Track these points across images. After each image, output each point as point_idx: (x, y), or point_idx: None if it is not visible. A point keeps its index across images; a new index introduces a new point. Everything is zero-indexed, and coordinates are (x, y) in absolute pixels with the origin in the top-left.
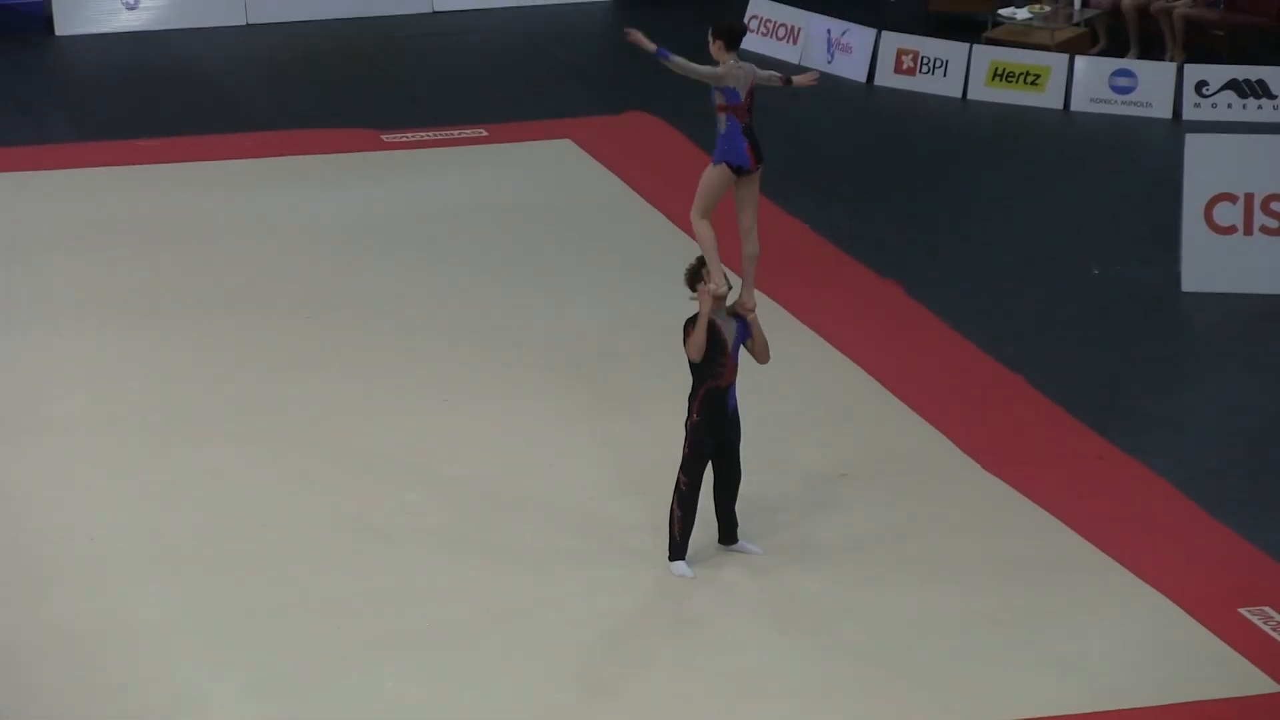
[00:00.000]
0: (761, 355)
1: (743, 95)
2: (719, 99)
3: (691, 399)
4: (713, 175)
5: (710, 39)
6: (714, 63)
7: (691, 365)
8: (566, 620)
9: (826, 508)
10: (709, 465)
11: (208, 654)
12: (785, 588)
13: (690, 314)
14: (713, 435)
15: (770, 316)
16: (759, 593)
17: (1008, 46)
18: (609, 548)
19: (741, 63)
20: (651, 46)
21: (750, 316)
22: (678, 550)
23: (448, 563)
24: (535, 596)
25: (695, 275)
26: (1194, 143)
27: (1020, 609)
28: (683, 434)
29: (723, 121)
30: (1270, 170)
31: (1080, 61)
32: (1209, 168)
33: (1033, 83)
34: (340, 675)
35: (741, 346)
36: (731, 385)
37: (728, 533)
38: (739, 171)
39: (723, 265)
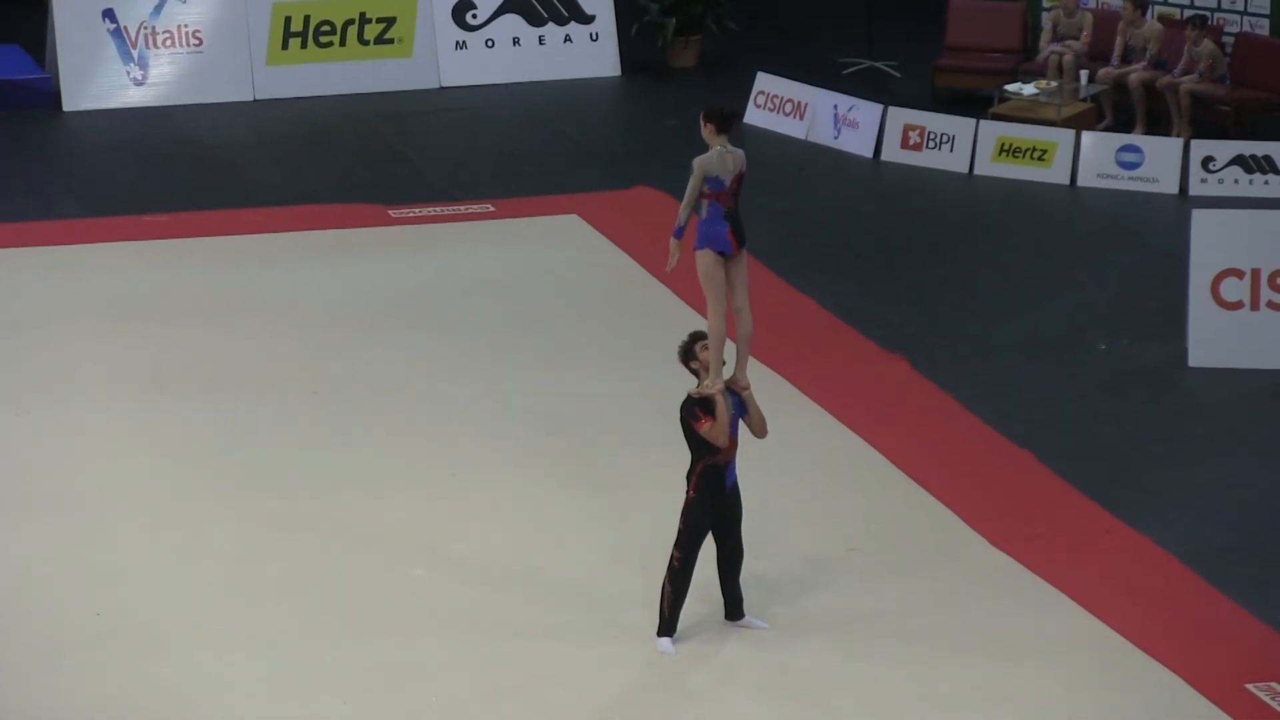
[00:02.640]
0: (759, 430)
1: (728, 182)
2: (704, 187)
3: (689, 475)
4: (702, 264)
5: (702, 123)
6: (706, 146)
7: (690, 443)
8: (569, 696)
9: (832, 583)
10: (710, 542)
11: None
12: (788, 663)
13: (685, 394)
14: (711, 513)
15: (776, 391)
16: (762, 668)
17: (1014, 122)
18: (611, 623)
19: (732, 149)
20: (673, 245)
21: (745, 394)
22: (666, 627)
23: (452, 637)
24: (537, 672)
25: (688, 353)
26: (1200, 218)
27: (1027, 684)
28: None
29: (705, 207)
30: (1277, 246)
31: (1087, 137)
32: (1215, 243)
33: (1039, 158)
34: None
35: (740, 422)
36: (731, 461)
37: (733, 608)
38: (722, 255)
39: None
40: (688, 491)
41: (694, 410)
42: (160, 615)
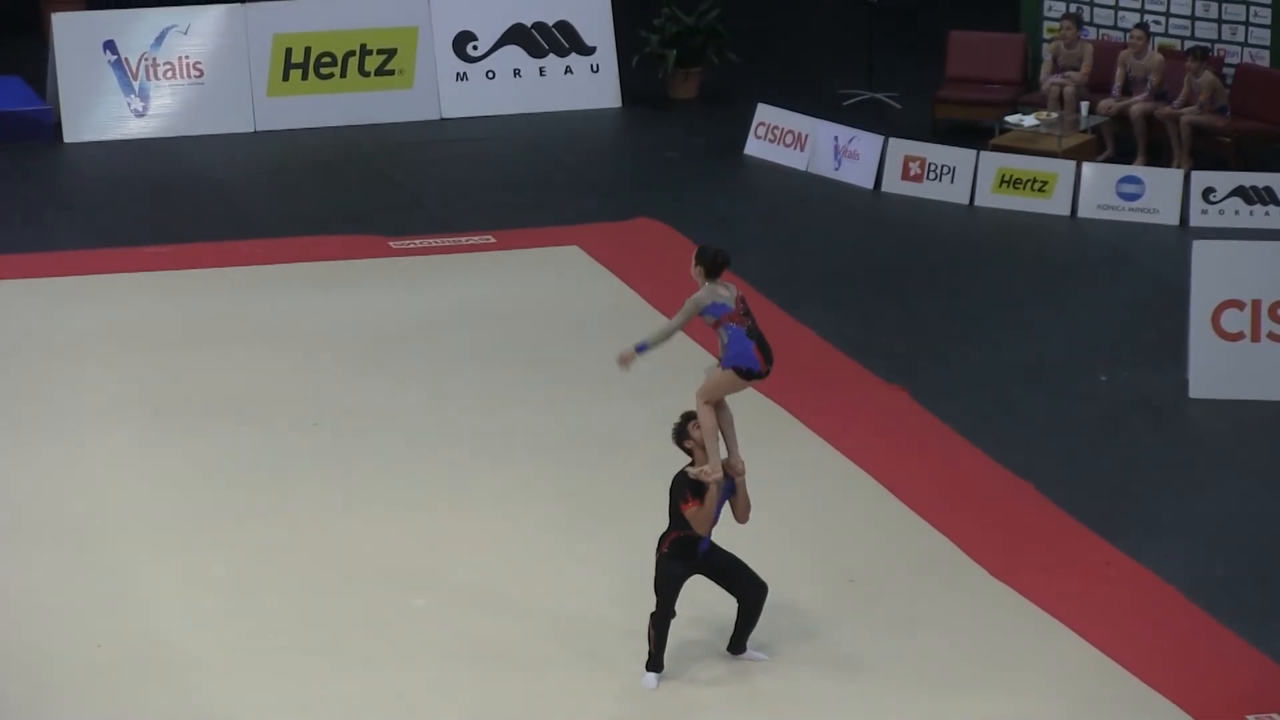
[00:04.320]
0: (742, 515)
1: (732, 304)
2: (709, 320)
3: (663, 538)
4: (723, 378)
5: (693, 263)
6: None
7: (671, 514)
8: None
9: (833, 614)
10: (729, 591)
11: None
12: (791, 693)
13: (679, 470)
14: (688, 572)
15: (775, 421)
16: (764, 699)
17: (1015, 153)
18: (610, 655)
19: (724, 285)
20: (632, 352)
21: (739, 479)
22: (654, 663)
23: (451, 667)
24: (535, 702)
25: (681, 433)
26: (1201, 249)
27: (1028, 715)
28: None
29: (724, 333)
30: (1277, 277)
31: (1087, 168)
32: (1216, 274)
33: (1040, 189)
34: None
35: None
36: (706, 537)
37: (737, 643)
38: (749, 375)
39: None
40: (660, 548)
41: (685, 492)
42: (160, 645)
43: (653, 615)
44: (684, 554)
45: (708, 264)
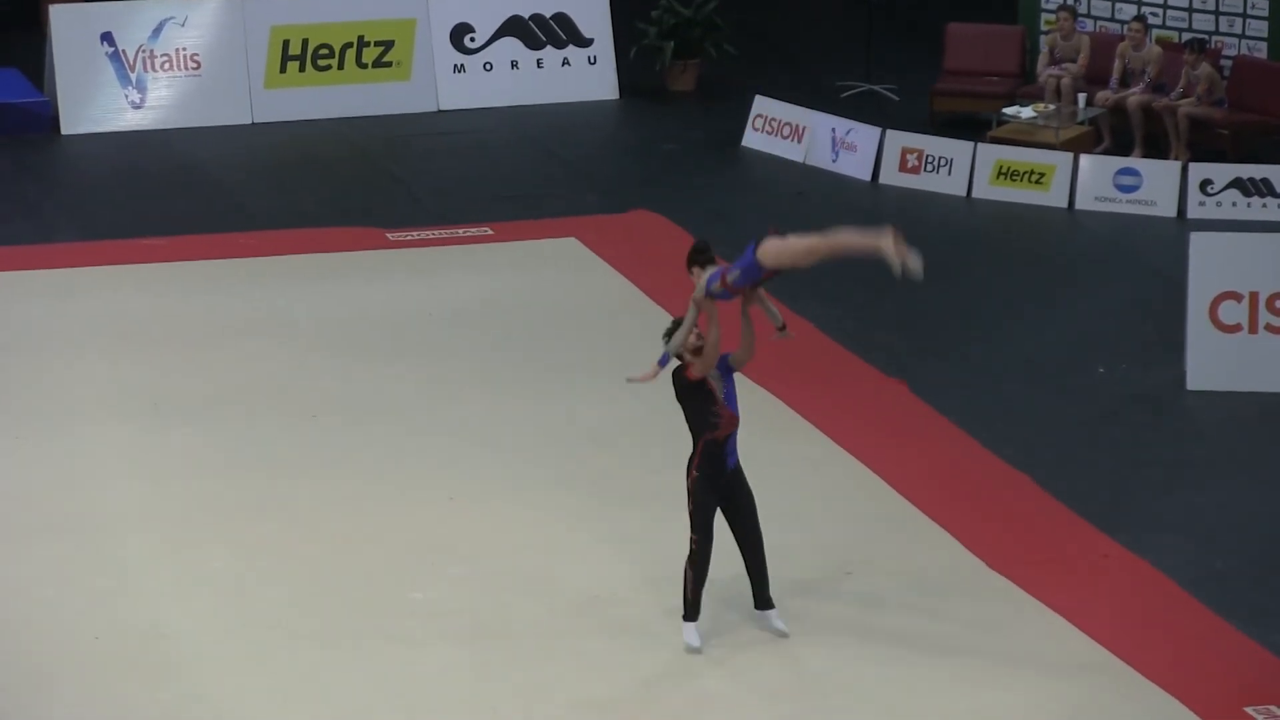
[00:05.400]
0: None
1: (718, 279)
2: (717, 298)
3: (690, 458)
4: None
5: (688, 266)
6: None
7: (688, 420)
8: (570, 716)
9: (829, 606)
10: (731, 532)
11: None
12: (785, 685)
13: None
14: (715, 492)
15: (775, 415)
16: (759, 690)
17: (1012, 145)
18: (611, 645)
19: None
20: (655, 369)
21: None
22: (691, 610)
23: (451, 659)
24: (538, 692)
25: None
26: (1198, 241)
27: (1026, 708)
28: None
29: (734, 273)
30: (1275, 268)
31: (1085, 160)
32: (1213, 266)
33: (1037, 181)
34: None
35: (737, 402)
36: (730, 438)
37: (761, 597)
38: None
39: None
40: (690, 473)
41: (683, 364)
42: (159, 639)
43: (689, 555)
44: (714, 468)
45: (691, 256)
